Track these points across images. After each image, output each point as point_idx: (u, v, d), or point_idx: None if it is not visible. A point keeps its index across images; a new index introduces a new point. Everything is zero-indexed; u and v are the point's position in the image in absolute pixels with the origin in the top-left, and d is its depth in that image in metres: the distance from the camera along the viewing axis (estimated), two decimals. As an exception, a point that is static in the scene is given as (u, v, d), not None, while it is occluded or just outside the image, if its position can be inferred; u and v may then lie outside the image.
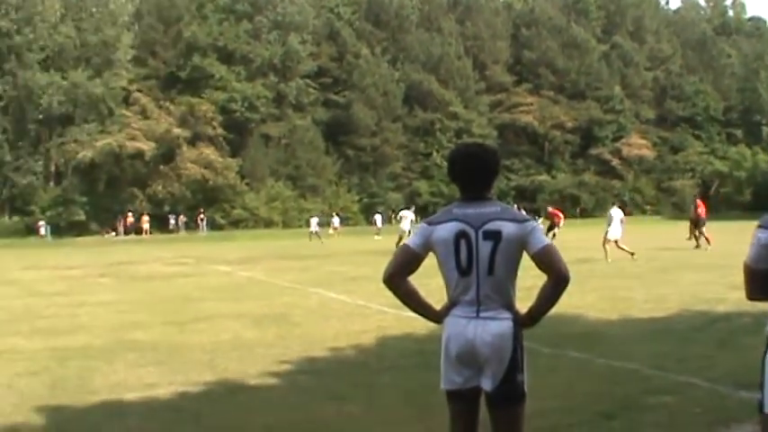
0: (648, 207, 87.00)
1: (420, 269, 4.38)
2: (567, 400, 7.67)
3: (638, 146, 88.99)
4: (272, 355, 10.72)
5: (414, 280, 4.41)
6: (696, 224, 32.64)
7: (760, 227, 4.13)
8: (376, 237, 51.46)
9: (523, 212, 6.02)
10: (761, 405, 4.06)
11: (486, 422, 4.38)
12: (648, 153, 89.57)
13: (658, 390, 8.06)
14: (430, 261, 4.40)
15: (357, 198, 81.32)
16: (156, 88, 78.89)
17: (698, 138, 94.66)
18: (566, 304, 4.36)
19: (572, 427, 6.92)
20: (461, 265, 4.27)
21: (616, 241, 25.98)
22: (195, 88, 77.88)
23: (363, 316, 14.38)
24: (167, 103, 76.91)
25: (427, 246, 4.37)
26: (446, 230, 4.30)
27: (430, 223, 4.43)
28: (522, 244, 4.26)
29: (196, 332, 13.14)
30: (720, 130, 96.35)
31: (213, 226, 72.09)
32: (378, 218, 62.32)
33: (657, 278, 19.55)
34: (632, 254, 25.21)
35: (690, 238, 32.94)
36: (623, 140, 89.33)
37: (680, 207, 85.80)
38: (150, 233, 68.02)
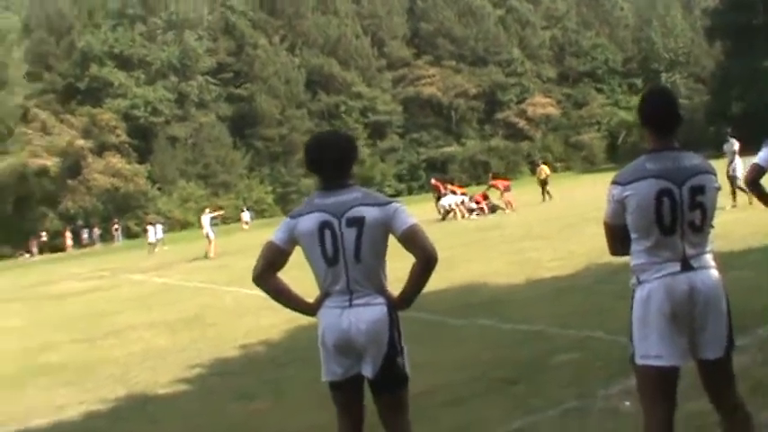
0: (559, 164, 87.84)
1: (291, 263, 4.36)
2: (472, 370, 7.74)
3: (542, 105, 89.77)
4: (183, 361, 10.65)
5: (285, 274, 4.39)
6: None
7: (614, 183, 4.15)
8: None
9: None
10: (632, 357, 4.16)
11: (373, 407, 4.39)
12: (554, 111, 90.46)
13: (561, 348, 8.19)
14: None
15: (270, 189, 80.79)
16: (55, 102, 77.07)
17: (600, 91, 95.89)
18: (473, 272, 4.37)
19: (476, 396, 6.99)
20: (328, 255, 4.25)
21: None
22: (96, 98, 76.23)
23: (274, 309, 14.17)
24: (68, 116, 75.26)
25: (292, 240, 4.33)
26: (309, 222, 4.27)
27: (292, 216, 4.38)
28: (386, 227, 4.25)
29: (107, 347, 12.95)
30: (621, 82, 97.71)
31: (128, 234, 70.88)
32: (246, 214, 60.77)
33: (564, 235, 19.76)
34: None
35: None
36: (528, 101, 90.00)
37: (590, 160, 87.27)
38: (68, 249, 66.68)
